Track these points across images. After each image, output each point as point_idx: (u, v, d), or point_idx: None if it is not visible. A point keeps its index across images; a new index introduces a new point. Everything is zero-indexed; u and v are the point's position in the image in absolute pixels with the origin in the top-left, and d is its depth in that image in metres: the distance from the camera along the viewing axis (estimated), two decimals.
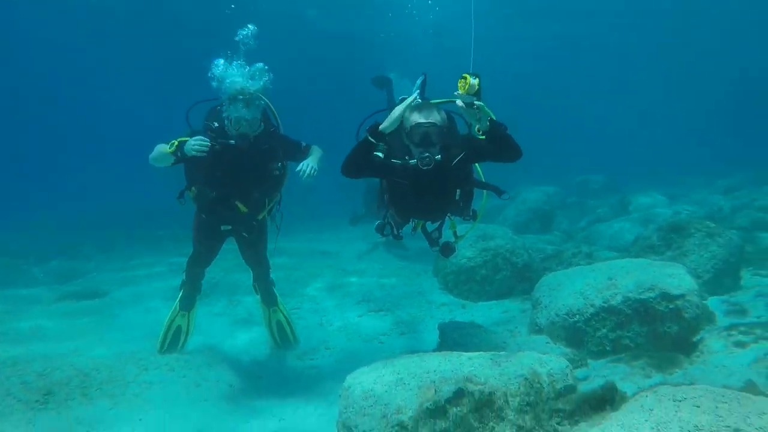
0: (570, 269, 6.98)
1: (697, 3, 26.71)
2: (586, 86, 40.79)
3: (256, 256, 6.06)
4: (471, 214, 4.67)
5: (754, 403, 2.19)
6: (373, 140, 4.06)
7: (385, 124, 4.07)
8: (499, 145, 4.01)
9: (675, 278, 5.74)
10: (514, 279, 8.41)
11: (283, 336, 6.46)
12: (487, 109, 3.86)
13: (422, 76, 5.53)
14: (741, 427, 1.99)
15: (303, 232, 14.85)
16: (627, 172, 22.22)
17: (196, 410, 4.97)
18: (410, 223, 4.87)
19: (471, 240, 8.28)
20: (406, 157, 4.17)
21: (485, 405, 3.31)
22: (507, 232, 9.01)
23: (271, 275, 6.39)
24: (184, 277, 6.20)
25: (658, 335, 5.60)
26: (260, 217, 5.63)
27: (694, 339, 5.76)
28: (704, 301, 7.11)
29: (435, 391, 3.38)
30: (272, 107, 5.53)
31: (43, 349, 6.38)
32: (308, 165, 5.03)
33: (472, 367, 3.84)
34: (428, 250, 5.17)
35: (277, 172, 5.45)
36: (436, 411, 3.31)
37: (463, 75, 3.74)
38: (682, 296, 5.55)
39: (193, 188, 5.37)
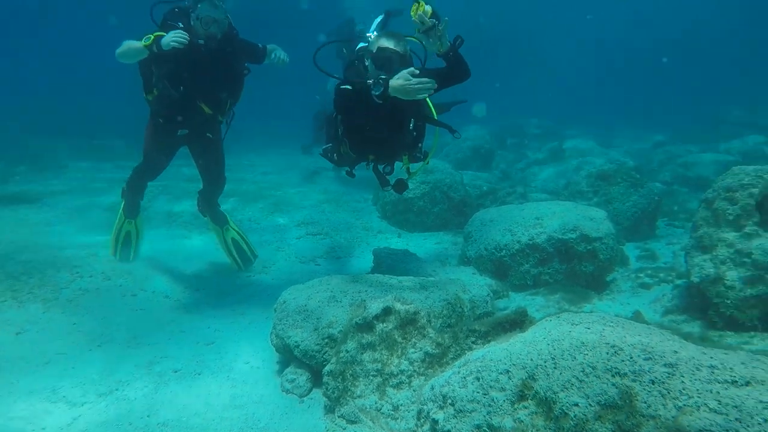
0: (503, 207, 7.35)
1: None
2: (537, 31, 41.04)
3: (216, 167, 6.07)
4: (422, 152, 4.80)
5: (634, 327, 2.56)
6: None
7: None
8: (454, 65, 4.16)
9: (595, 222, 6.17)
10: (450, 212, 8.74)
11: (241, 254, 6.55)
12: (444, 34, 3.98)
13: (382, 14, 5.61)
14: (617, 343, 2.35)
15: (247, 152, 14.83)
16: (568, 117, 22.73)
17: (131, 319, 5.11)
18: (364, 160, 4.90)
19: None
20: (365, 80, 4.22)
21: (409, 323, 3.62)
22: (447, 167, 9.28)
23: None
24: (124, 186, 6.18)
25: (576, 273, 6.06)
26: (221, 118, 5.67)
27: (608, 278, 6.27)
28: (621, 246, 7.67)
29: (365, 308, 3.66)
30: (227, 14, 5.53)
31: None
32: (280, 51, 5.40)
33: (401, 288, 4.16)
34: (370, 178, 5.28)
35: (246, 72, 5.56)
36: (364, 326, 3.60)
37: (416, 1, 3.87)
38: (599, 239, 5.99)
39: (154, 89, 5.36)
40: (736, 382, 2.05)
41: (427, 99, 4.63)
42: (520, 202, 8.76)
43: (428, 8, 3.86)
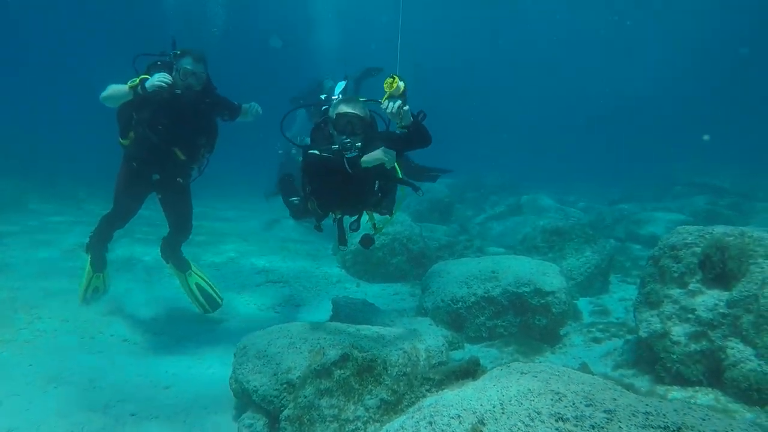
0: (460, 260, 7.53)
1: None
2: (495, 89, 42.50)
3: (184, 214, 6.20)
4: (388, 207, 4.95)
5: (579, 377, 2.72)
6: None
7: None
8: (416, 136, 4.31)
9: (548, 276, 6.39)
10: (408, 264, 8.89)
11: (207, 297, 6.56)
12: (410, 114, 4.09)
13: (344, 81, 5.86)
14: (561, 390, 2.50)
15: (210, 198, 14.85)
16: (527, 172, 23.40)
17: (89, 362, 5.07)
18: (330, 215, 5.04)
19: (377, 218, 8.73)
20: (330, 146, 4.43)
21: (366, 370, 3.72)
22: (406, 219, 9.48)
23: None
24: (89, 240, 6.27)
25: (530, 326, 6.24)
26: (194, 165, 5.87)
27: (561, 332, 6.45)
28: (574, 300, 7.91)
29: (323, 354, 3.75)
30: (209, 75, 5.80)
31: None
32: (256, 105, 5.74)
33: (358, 337, 4.26)
34: (331, 227, 5.43)
35: (226, 118, 5.83)
36: (322, 372, 3.68)
37: (392, 75, 4.01)
38: (552, 293, 6.20)
39: (131, 133, 5.54)
40: (668, 427, 2.21)
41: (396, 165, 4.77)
42: (477, 255, 8.98)
43: (401, 84, 3.98)
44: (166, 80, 5.09)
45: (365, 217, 5.10)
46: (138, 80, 5.13)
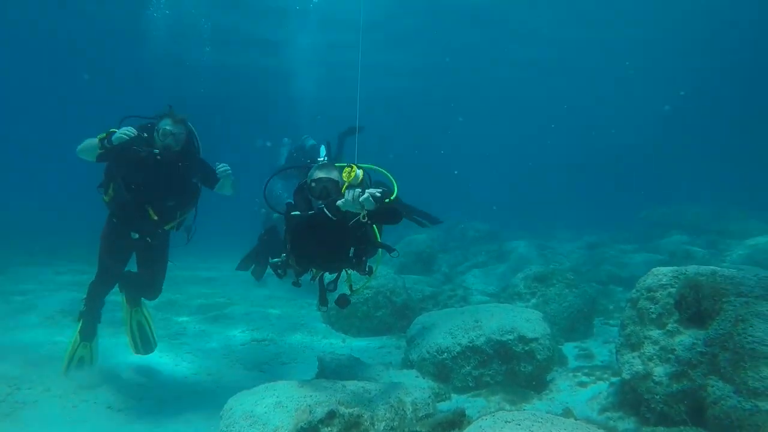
0: (443, 310, 7.62)
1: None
2: (471, 138, 43.36)
3: (152, 277, 6.22)
4: (367, 269, 4.99)
5: (562, 423, 2.78)
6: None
7: None
8: (382, 218, 4.51)
9: (531, 323, 6.47)
10: (393, 317, 8.94)
11: (144, 338, 6.56)
12: (371, 199, 4.13)
13: (325, 143, 6.06)
14: None
15: (189, 257, 14.84)
16: (507, 220, 23.67)
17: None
18: (309, 272, 5.14)
19: (355, 278, 8.78)
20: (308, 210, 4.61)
21: (353, 426, 3.74)
22: (389, 272, 9.56)
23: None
24: (83, 308, 6.25)
25: (515, 373, 6.28)
26: (168, 227, 5.88)
27: (547, 378, 6.49)
28: (559, 346, 7.97)
29: (310, 412, 3.77)
30: (196, 135, 5.96)
31: None
32: (224, 165, 5.69)
33: (345, 393, 4.28)
34: (312, 283, 5.48)
35: (195, 190, 5.91)
36: (309, 430, 3.69)
37: (349, 164, 4.29)
38: (536, 339, 6.27)
39: (111, 186, 5.65)
40: None
41: (374, 227, 4.91)
42: (461, 305, 9.05)
43: (359, 173, 4.27)
44: (129, 133, 5.25)
45: (344, 276, 5.19)
46: (105, 134, 5.32)
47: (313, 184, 4.60)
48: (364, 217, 4.20)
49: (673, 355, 4.80)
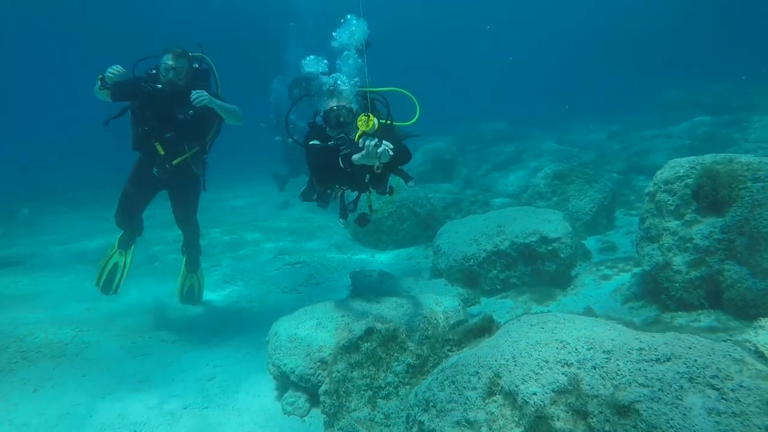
0: (466, 218, 7.79)
1: None
2: (483, 36, 42.22)
3: (185, 214, 6.46)
4: (388, 189, 5.07)
5: (582, 322, 3.01)
6: None
7: None
8: (397, 162, 4.47)
9: (552, 223, 6.65)
10: (418, 228, 9.18)
11: (190, 297, 6.99)
12: (388, 152, 4.05)
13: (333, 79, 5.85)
14: (564, 338, 2.80)
15: (217, 189, 15.16)
16: (523, 118, 23.42)
17: (135, 364, 5.42)
18: (332, 191, 5.17)
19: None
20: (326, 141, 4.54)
21: (390, 339, 4.04)
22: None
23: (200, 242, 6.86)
24: (116, 218, 6.51)
25: (540, 273, 6.53)
26: (175, 161, 5.93)
27: (572, 274, 6.73)
28: (582, 241, 8.18)
29: (349, 330, 4.07)
30: (214, 70, 6.01)
31: None
32: (197, 92, 5.49)
33: (380, 309, 4.57)
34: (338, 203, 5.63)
35: (205, 119, 5.91)
36: (350, 347, 4.01)
37: (366, 113, 4.12)
38: (558, 239, 6.47)
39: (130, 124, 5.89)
40: (659, 359, 2.49)
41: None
42: (483, 210, 9.24)
43: (375, 122, 4.10)
44: (114, 70, 5.37)
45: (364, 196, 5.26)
46: (101, 75, 5.44)
47: (326, 114, 4.52)
48: (378, 168, 4.11)
49: (691, 244, 4.97)
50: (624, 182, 11.57)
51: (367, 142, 3.96)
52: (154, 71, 5.69)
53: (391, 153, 3.98)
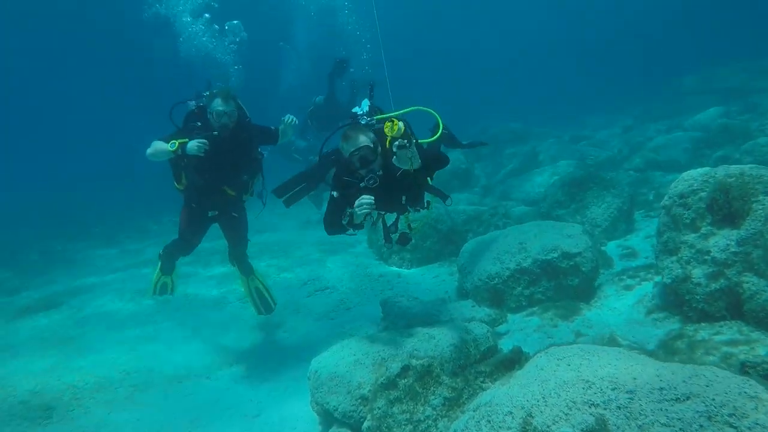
0: (487, 235, 8.00)
1: None
2: (489, 37, 42.34)
3: (239, 236, 6.76)
4: (425, 204, 5.25)
5: (606, 357, 3.23)
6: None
7: None
8: (434, 167, 4.76)
9: (573, 238, 6.84)
10: (440, 244, 9.39)
11: (263, 301, 7.18)
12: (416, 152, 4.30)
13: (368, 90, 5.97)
14: (589, 378, 3.02)
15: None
16: (536, 115, 23.51)
17: (184, 405, 5.71)
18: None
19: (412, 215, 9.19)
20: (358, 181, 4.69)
21: (426, 374, 4.28)
22: (430, 201, 9.89)
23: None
24: (161, 252, 6.85)
25: (563, 287, 6.71)
26: (245, 198, 6.38)
27: (595, 285, 6.90)
28: (603, 247, 8.34)
29: (386, 368, 4.32)
30: (240, 103, 6.22)
31: (23, 367, 6.77)
32: (289, 116, 6.01)
33: (413, 343, 4.80)
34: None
35: (260, 156, 6.30)
36: (388, 384, 4.27)
37: (390, 119, 4.25)
38: (579, 254, 6.65)
39: (183, 179, 6.14)
40: (679, 398, 2.70)
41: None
42: (504, 223, 9.42)
43: (401, 126, 4.21)
44: (203, 146, 5.60)
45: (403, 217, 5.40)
46: (177, 144, 5.65)
47: (350, 157, 4.61)
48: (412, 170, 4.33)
49: (709, 257, 5.13)
50: (642, 180, 11.65)
51: (394, 145, 4.21)
52: (199, 123, 5.89)
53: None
